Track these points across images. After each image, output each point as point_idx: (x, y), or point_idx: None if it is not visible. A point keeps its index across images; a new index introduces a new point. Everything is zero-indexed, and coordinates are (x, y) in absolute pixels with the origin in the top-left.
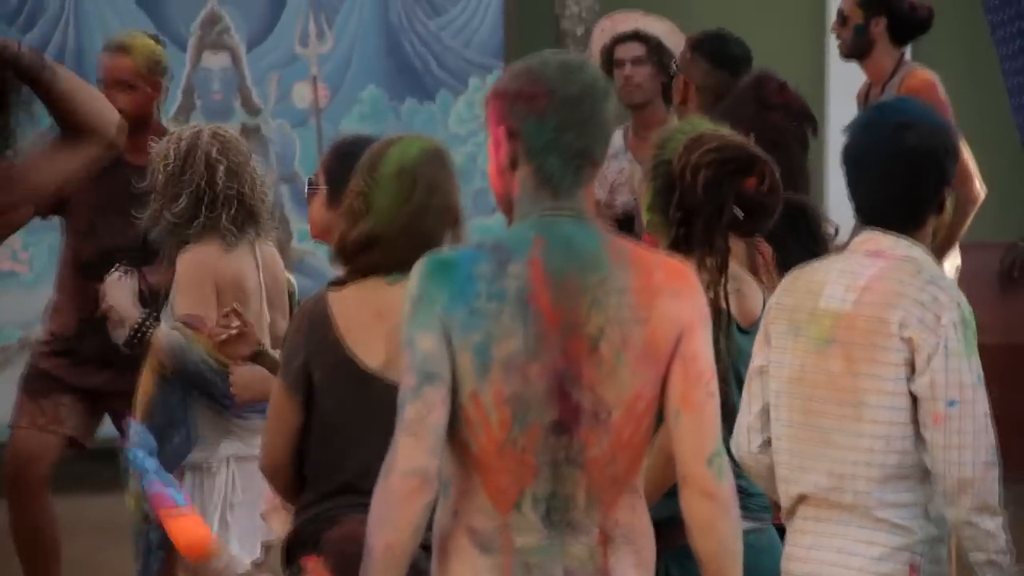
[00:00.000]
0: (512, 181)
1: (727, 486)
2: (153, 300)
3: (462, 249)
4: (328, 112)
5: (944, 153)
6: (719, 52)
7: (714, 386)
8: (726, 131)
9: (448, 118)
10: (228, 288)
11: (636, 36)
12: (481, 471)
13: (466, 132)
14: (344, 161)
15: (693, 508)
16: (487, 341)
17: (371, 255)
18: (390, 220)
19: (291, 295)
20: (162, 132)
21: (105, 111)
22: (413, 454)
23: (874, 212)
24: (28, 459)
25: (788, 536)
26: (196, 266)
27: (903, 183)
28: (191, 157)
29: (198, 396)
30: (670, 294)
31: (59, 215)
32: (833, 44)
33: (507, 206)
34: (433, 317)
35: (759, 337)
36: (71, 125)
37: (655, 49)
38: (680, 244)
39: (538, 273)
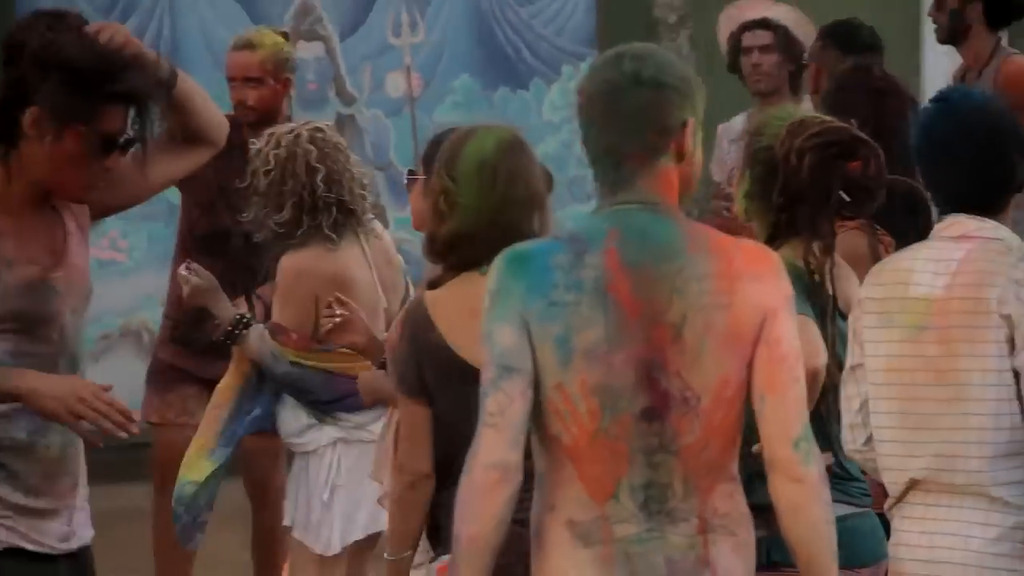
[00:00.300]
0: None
1: (815, 470)
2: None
3: (539, 242)
4: (422, 101)
5: (1020, 134)
6: (850, 40)
7: (799, 370)
8: (826, 116)
9: (541, 106)
10: (330, 287)
11: (764, 24)
12: (575, 462)
13: (559, 120)
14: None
15: (781, 493)
16: (567, 332)
17: (461, 252)
18: (476, 216)
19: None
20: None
21: (218, 117)
22: (494, 447)
23: (959, 196)
24: (172, 455)
25: (897, 523)
26: (295, 275)
27: (990, 166)
28: (291, 165)
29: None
30: (751, 278)
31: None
32: (929, 30)
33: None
34: (511, 310)
35: (849, 336)
36: (186, 130)
37: (782, 37)
38: (783, 230)
39: (615, 263)
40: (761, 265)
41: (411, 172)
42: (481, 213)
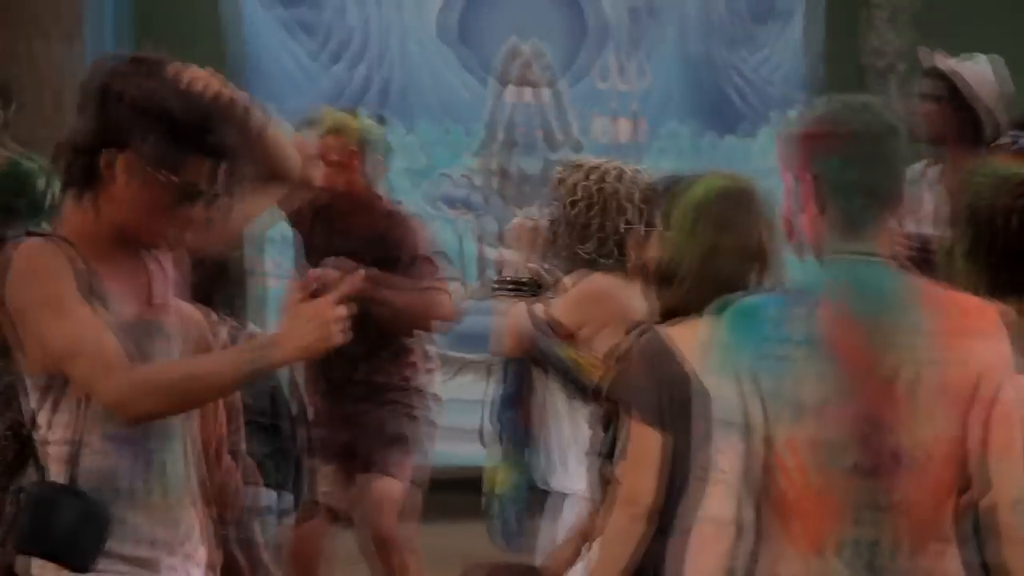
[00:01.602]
0: (807, 223)
1: None
2: None
3: (761, 295)
4: (634, 147)
5: None
6: None
7: (1019, 431)
8: None
9: (757, 152)
10: (620, 319)
11: (935, 73)
12: (787, 517)
13: (772, 166)
14: (660, 199)
15: (1006, 557)
16: (787, 386)
17: (671, 292)
18: (681, 258)
19: None
20: (383, 207)
21: (295, 154)
22: (719, 501)
23: None
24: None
25: None
26: (596, 290)
27: None
28: (599, 199)
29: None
30: (971, 335)
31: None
32: None
33: (803, 248)
34: (732, 363)
35: None
36: (270, 173)
37: (952, 87)
38: (998, 287)
39: (836, 316)
40: (982, 322)
41: (626, 220)
42: (686, 256)
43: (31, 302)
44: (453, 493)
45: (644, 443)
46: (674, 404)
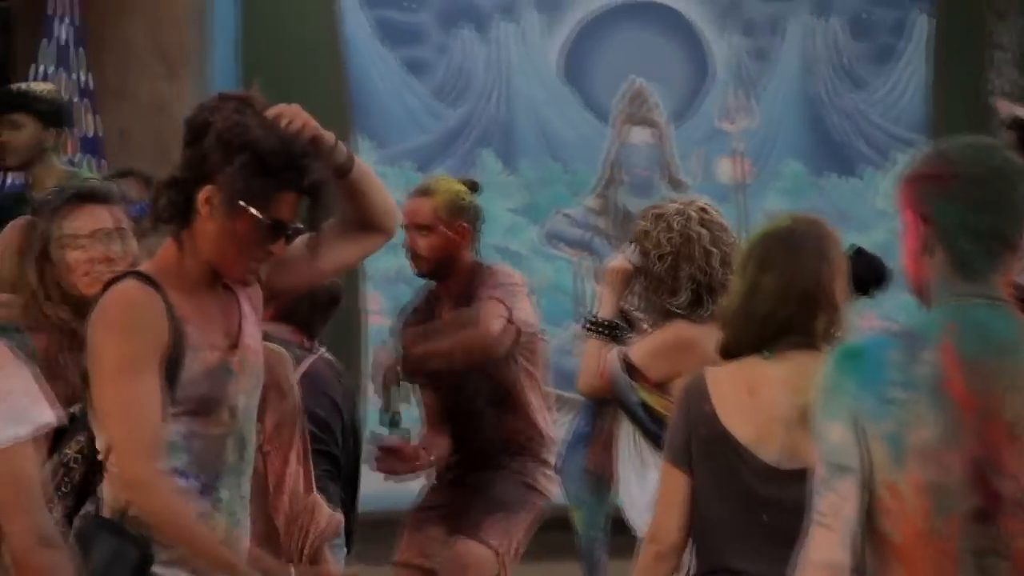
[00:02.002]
0: (925, 266)
1: None
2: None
3: (872, 337)
4: (751, 188)
5: None
6: None
7: None
8: None
9: (872, 194)
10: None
11: (1014, 123)
12: (902, 561)
13: (891, 208)
14: None
15: None
16: (900, 430)
17: (723, 333)
18: (732, 300)
19: None
20: (477, 273)
21: (390, 205)
22: (826, 546)
23: None
24: None
25: None
26: (677, 339)
27: None
28: (687, 248)
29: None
30: None
31: None
32: None
33: (921, 292)
34: (843, 407)
35: None
36: (358, 216)
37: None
38: None
39: (951, 360)
40: None
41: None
42: (735, 297)
43: (105, 349)
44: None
45: (669, 481)
46: (700, 444)
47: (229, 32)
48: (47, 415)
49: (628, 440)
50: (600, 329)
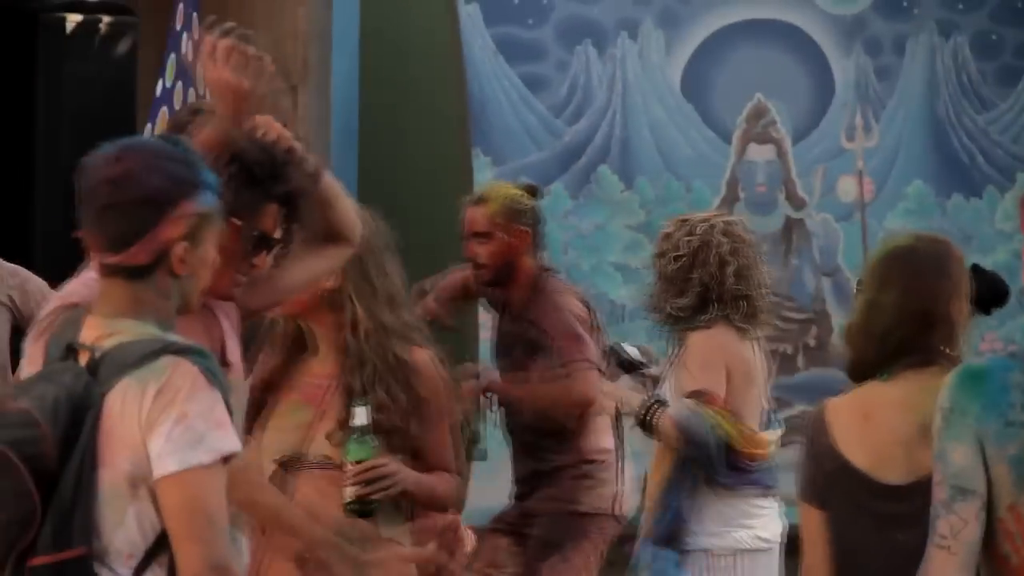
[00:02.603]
0: None
1: None
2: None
3: (995, 359)
4: (873, 207)
5: None
6: None
7: None
8: None
9: (995, 215)
10: (738, 371)
11: None
12: None
13: (1012, 229)
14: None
15: None
16: (1023, 453)
17: (848, 350)
18: (852, 314)
19: None
20: (540, 278)
21: (355, 216)
22: (946, 570)
23: None
24: None
25: None
26: (711, 347)
27: None
28: (703, 253)
29: (698, 469)
30: None
31: None
32: None
33: None
34: (966, 429)
35: None
36: (326, 228)
37: None
38: None
39: None
40: None
41: (860, 283)
42: (855, 315)
43: None
44: None
45: (807, 520)
46: (826, 477)
47: (349, 47)
48: (228, 442)
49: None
50: (629, 365)
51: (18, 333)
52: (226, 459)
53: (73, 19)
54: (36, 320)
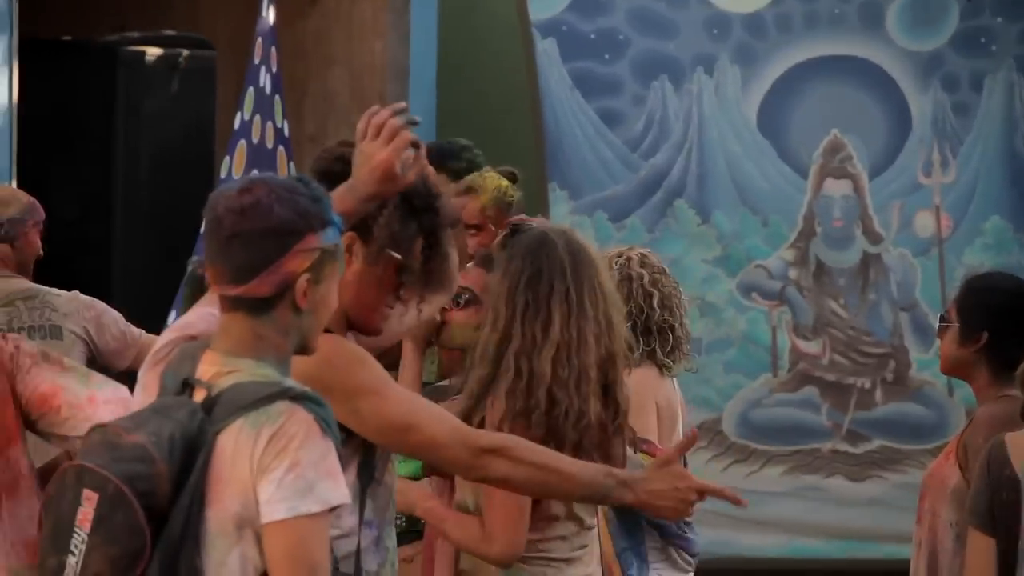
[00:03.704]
0: None
1: None
2: None
3: None
4: (951, 242)
5: None
6: None
7: None
8: None
9: None
10: (665, 413)
11: None
12: None
13: None
14: (979, 298)
15: None
16: None
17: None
18: None
19: None
20: None
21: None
22: None
23: None
24: None
25: None
26: (640, 388)
27: None
28: (625, 287)
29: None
30: None
31: None
32: None
33: None
34: None
35: None
36: (431, 278)
37: None
38: None
39: None
40: None
41: (943, 318)
42: None
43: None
44: None
45: (978, 546)
46: (1002, 508)
47: (427, 81)
48: (338, 494)
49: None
50: None
51: (91, 365)
52: (333, 510)
53: (152, 53)
54: (153, 350)
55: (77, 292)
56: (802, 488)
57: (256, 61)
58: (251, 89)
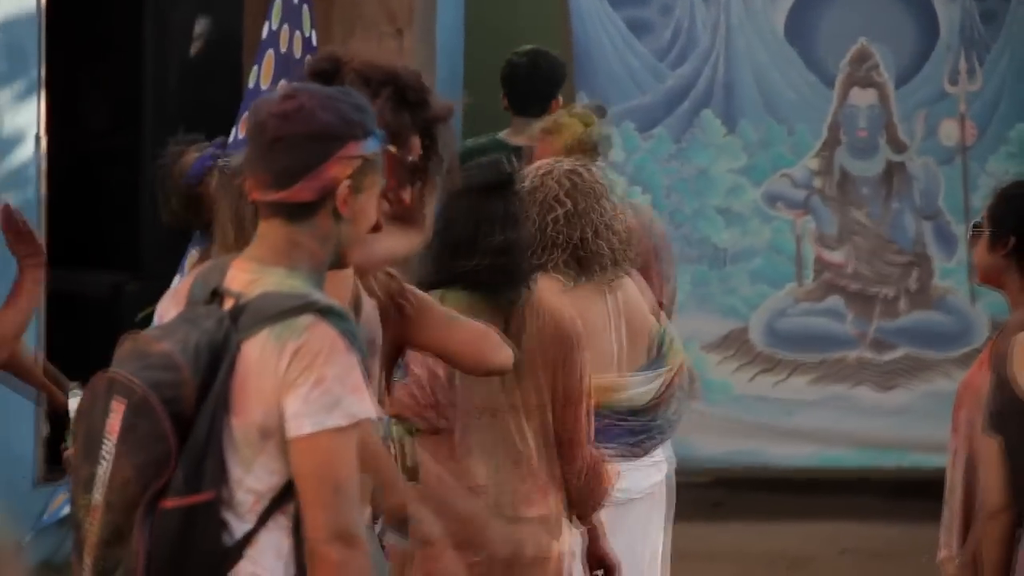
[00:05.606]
0: None
1: None
2: None
3: None
4: (974, 150)
5: None
6: None
7: None
8: None
9: None
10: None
11: None
12: None
13: None
14: (1010, 204)
15: None
16: None
17: None
18: None
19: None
20: None
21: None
22: None
23: None
24: None
25: None
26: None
27: None
28: (531, 198)
29: None
30: None
31: None
32: None
33: None
34: None
35: None
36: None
37: None
38: None
39: None
40: None
41: (976, 225)
42: None
43: None
44: (782, 494)
45: (988, 449)
46: (1002, 407)
47: None
48: (364, 407)
49: None
50: None
51: None
52: (360, 424)
53: None
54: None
55: None
56: (829, 398)
57: None
58: (279, 1)
